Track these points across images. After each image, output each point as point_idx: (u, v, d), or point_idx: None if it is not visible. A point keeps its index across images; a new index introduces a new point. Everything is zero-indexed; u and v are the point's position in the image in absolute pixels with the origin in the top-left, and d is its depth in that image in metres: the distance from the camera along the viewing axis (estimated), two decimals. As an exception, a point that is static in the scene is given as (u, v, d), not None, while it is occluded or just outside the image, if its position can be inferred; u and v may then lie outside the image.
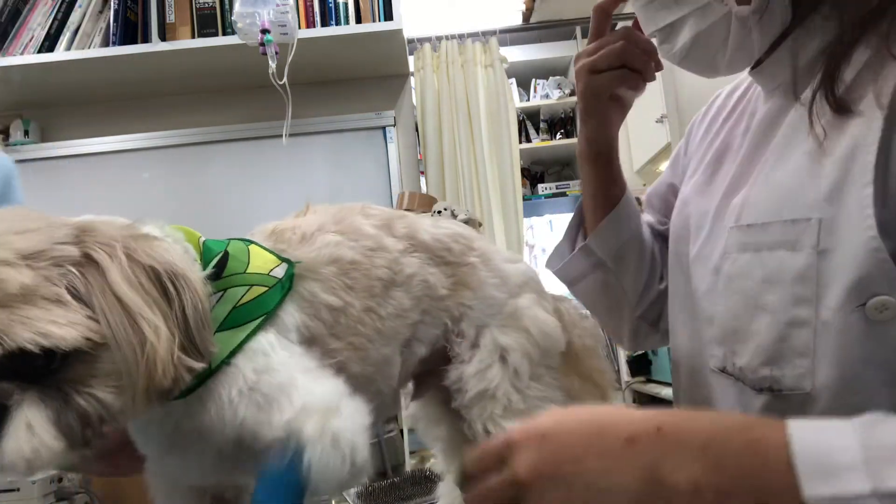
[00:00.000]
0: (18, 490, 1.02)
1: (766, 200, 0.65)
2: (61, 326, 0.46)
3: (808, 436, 0.45)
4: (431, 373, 0.76)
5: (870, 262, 0.55)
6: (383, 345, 0.67)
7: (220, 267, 0.59)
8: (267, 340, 0.58)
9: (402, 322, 0.69)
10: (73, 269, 0.48)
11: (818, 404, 0.59)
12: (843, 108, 0.58)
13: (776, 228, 0.62)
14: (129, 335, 0.49)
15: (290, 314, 0.62)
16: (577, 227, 0.92)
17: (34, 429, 0.46)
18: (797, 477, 0.43)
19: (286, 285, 0.61)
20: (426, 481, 1.30)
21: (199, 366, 0.52)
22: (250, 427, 0.56)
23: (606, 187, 0.87)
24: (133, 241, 0.52)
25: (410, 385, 0.80)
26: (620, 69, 0.79)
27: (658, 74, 0.83)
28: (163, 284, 0.52)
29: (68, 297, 0.47)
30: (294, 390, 0.57)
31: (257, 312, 0.59)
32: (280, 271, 0.62)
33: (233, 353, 0.57)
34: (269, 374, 0.57)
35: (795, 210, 0.61)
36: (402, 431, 1.65)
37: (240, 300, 0.58)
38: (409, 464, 1.66)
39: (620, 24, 0.83)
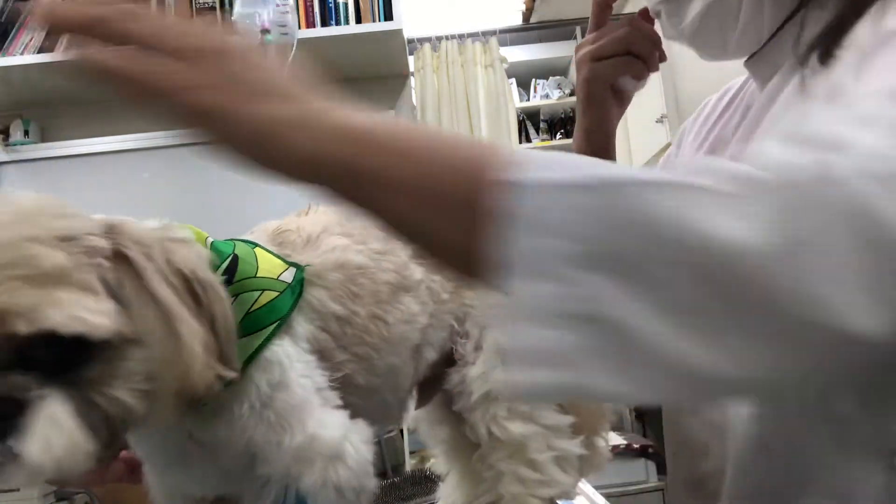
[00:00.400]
0: (18, 490, 1.02)
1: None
2: (95, 314, 0.43)
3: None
4: (435, 378, 0.76)
5: None
6: (390, 353, 0.66)
7: (231, 271, 0.57)
8: (283, 350, 0.57)
9: (410, 327, 0.67)
10: (105, 262, 0.46)
11: None
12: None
13: None
14: (164, 335, 0.46)
15: (301, 324, 0.60)
16: None
17: (63, 426, 0.42)
18: (483, 161, 0.37)
19: (297, 290, 0.59)
20: (426, 481, 1.31)
21: (230, 374, 0.50)
22: (258, 445, 0.55)
23: None
24: (170, 243, 0.50)
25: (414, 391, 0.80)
26: (625, 56, 0.77)
27: (658, 75, 0.83)
28: (195, 291, 0.50)
29: (100, 288, 0.45)
30: (307, 415, 0.55)
31: (270, 318, 0.57)
32: (288, 276, 0.60)
33: (247, 363, 0.54)
34: (283, 390, 0.55)
35: None
36: (402, 431, 1.65)
37: (252, 305, 0.56)
38: (409, 464, 1.66)
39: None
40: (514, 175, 0.35)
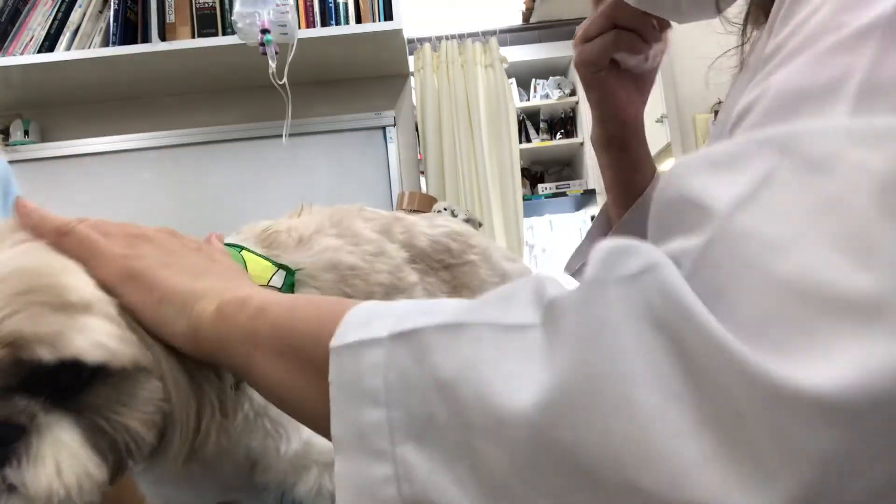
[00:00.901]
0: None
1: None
2: (116, 341, 0.42)
3: (368, 307, 0.36)
4: None
5: None
6: None
7: None
8: None
9: None
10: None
11: None
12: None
13: None
14: (186, 388, 0.44)
15: None
16: (603, 227, 0.81)
17: (73, 453, 0.41)
18: (337, 328, 0.34)
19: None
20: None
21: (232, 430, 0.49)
22: (257, 453, 0.54)
23: (626, 176, 0.76)
24: None
25: None
26: (611, 31, 0.70)
27: (658, 75, 0.80)
28: None
29: (120, 319, 0.43)
30: None
31: None
32: (278, 280, 0.59)
33: None
34: None
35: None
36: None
37: None
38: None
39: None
40: (336, 340, 0.33)
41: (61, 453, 0.40)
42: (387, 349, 0.31)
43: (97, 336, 0.41)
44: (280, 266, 0.60)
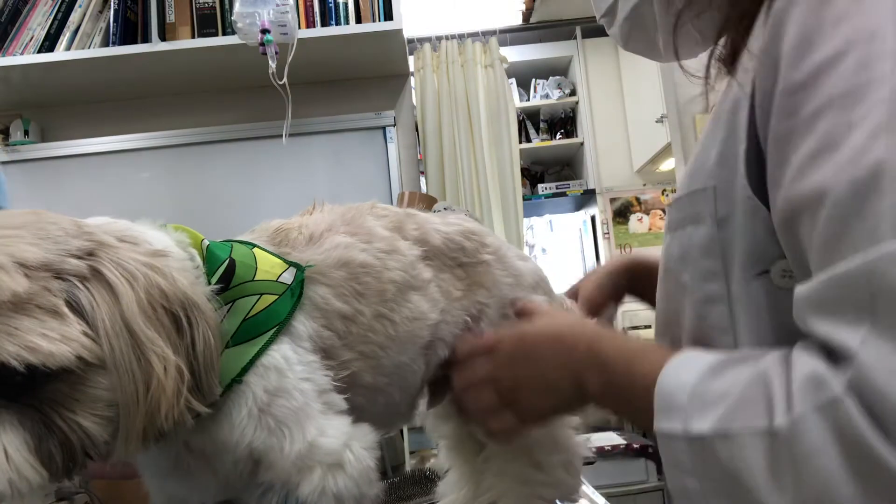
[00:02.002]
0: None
1: (688, 170, 0.62)
2: (52, 341, 0.42)
3: (674, 370, 0.51)
4: (448, 377, 0.75)
5: (758, 226, 0.51)
6: (398, 352, 0.65)
7: (228, 276, 0.56)
8: (281, 354, 0.56)
9: (419, 325, 0.66)
10: (79, 283, 0.45)
11: None
12: (730, 62, 0.55)
13: (684, 202, 0.59)
14: (133, 367, 0.45)
15: (303, 322, 0.59)
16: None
17: (10, 456, 0.41)
18: (654, 405, 0.50)
19: (296, 291, 0.58)
20: (426, 481, 1.30)
21: (203, 409, 0.49)
22: (259, 451, 0.54)
23: None
24: (155, 268, 0.49)
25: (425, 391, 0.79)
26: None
27: (658, 75, 0.83)
28: (177, 317, 0.48)
29: (65, 310, 0.43)
30: (307, 421, 0.55)
31: (269, 323, 0.56)
32: (288, 276, 0.58)
33: (244, 370, 0.54)
34: (282, 396, 0.54)
35: (697, 180, 0.57)
36: (401, 431, 1.64)
37: (250, 311, 0.55)
38: (409, 464, 1.66)
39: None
40: (656, 425, 0.49)
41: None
42: (687, 444, 0.47)
43: (27, 338, 0.41)
44: (290, 263, 0.60)
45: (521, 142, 3.61)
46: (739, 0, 0.53)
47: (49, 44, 2.03)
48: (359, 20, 2.05)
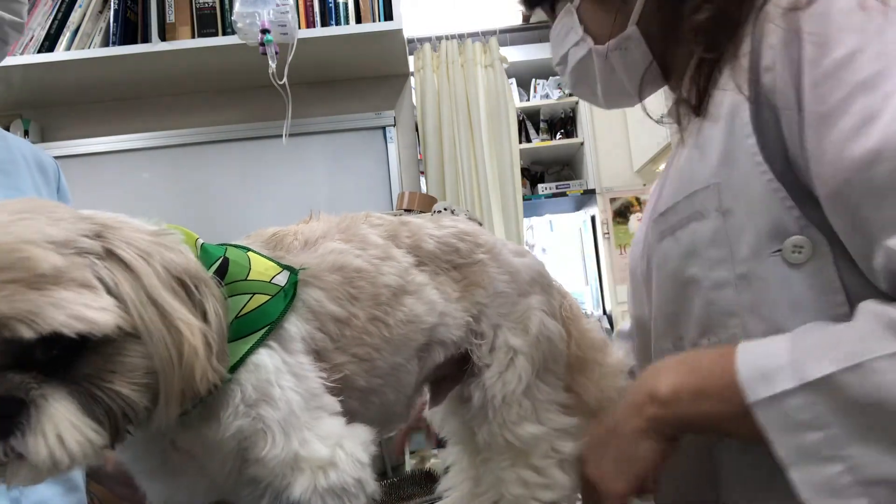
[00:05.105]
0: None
1: (671, 188, 0.71)
2: (95, 311, 0.43)
3: (751, 349, 0.55)
4: (449, 378, 0.75)
5: (775, 206, 0.59)
6: (392, 353, 0.65)
7: (221, 273, 0.56)
8: (272, 354, 0.56)
9: (414, 328, 0.67)
10: (97, 261, 0.46)
11: None
12: (698, 109, 0.67)
13: (683, 205, 0.67)
14: (164, 335, 0.47)
15: (295, 324, 0.59)
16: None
17: (72, 421, 0.43)
18: (740, 384, 0.53)
19: (290, 293, 0.58)
20: (426, 481, 1.31)
21: (225, 374, 0.51)
22: (249, 450, 0.54)
23: None
24: (163, 245, 0.50)
25: (427, 391, 0.79)
26: None
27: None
28: (189, 289, 0.50)
29: (97, 283, 0.45)
30: (296, 421, 0.55)
31: (261, 323, 0.56)
32: (282, 279, 0.59)
33: (234, 368, 0.54)
34: (270, 395, 0.54)
35: (696, 183, 0.66)
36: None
37: (242, 309, 0.56)
38: (409, 464, 1.66)
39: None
40: (754, 397, 0.52)
41: (61, 422, 0.43)
42: (805, 394, 0.50)
43: (73, 308, 0.42)
44: (284, 266, 0.60)
45: (521, 142, 3.61)
46: (716, 45, 0.66)
47: (49, 44, 2.03)
48: (359, 20, 2.05)
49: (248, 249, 0.61)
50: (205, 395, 0.51)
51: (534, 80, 4.01)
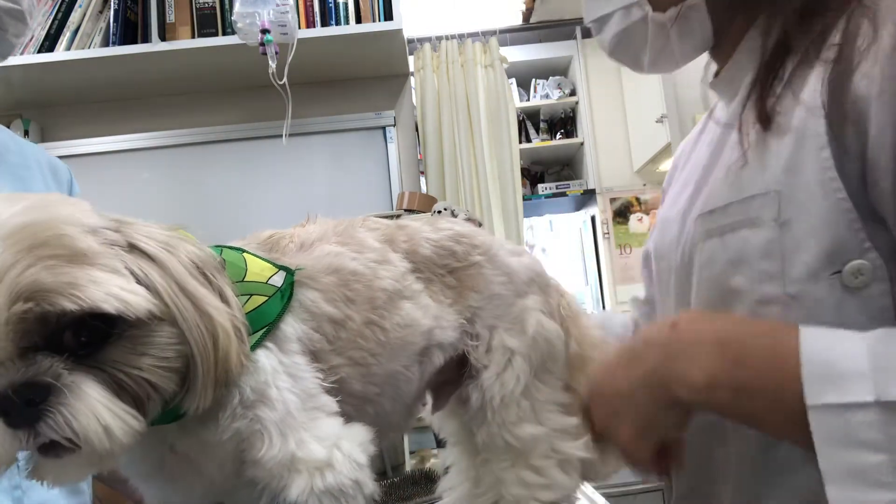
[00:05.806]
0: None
1: (723, 186, 0.66)
2: (129, 293, 0.43)
3: (820, 342, 0.49)
4: (449, 381, 0.75)
5: (841, 227, 0.55)
6: (389, 360, 0.65)
7: None
8: (266, 356, 0.55)
9: (411, 331, 0.66)
10: (124, 253, 0.47)
11: None
12: (767, 121, 0.60)
13: (736, 208, 0.62)
14: (197, 320, 0.47)
15: (292, 324, 0.59)
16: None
17: (109, 406, 0.43)
18: (802, 383, 0.47)
19: (286, 293, 0.58)
20: (426, 481, 1.31)
21: (250, 357, 0.52)
22: (247, 451, 0.54)
23: None
24: (179, 237, 0.52)
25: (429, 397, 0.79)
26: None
27: (658, 75, 0.85)
28: (209, 278, 0.51)
29: (126, 271, 0.45)
30: (294, 421, 0.55)
31: (259, 324, 0.56)
32: (278, 279, 0.59)
33: None
34: (268, 396, 0.54)
35: (753, 187, 0.61)
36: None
37: None
38: (409, 464, 1.66)
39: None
40: (812, 399, 0.47)
41: (96, 406, 0.42)
42: (881, 413, 0.45)
43: (110, 288, 0.42)
44: (280, 267, 0.60)
45: (521, 142, 3.61)
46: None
47: (49, 44, 2.03)
48: (359, 20, 2.05)
49: (243, 251, 0.61)
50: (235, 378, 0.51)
51: (534, 80, 4.01)
